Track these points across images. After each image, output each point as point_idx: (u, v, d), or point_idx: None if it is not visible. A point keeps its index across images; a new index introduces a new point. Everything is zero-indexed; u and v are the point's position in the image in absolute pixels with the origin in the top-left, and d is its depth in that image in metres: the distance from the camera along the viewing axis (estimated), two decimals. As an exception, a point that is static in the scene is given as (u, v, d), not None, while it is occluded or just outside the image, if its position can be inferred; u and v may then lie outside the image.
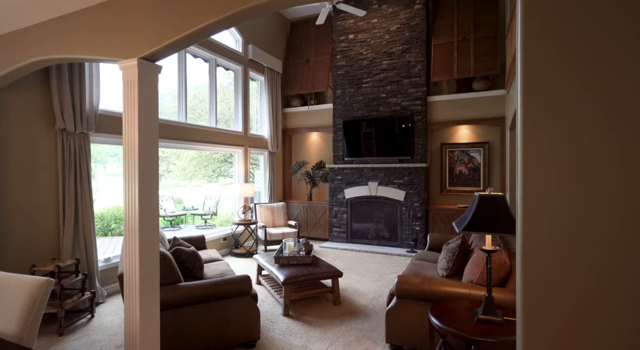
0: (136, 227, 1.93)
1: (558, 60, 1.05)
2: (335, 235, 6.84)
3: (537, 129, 1.09)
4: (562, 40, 1.05)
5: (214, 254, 4.13)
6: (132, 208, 1.94)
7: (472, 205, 2.03)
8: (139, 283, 1.96)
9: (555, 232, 1.07)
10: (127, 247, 2.00)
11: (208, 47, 5.52)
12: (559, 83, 1.05)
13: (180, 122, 5.03)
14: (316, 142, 7.61)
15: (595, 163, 0.99)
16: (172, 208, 8.17)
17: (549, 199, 1.09)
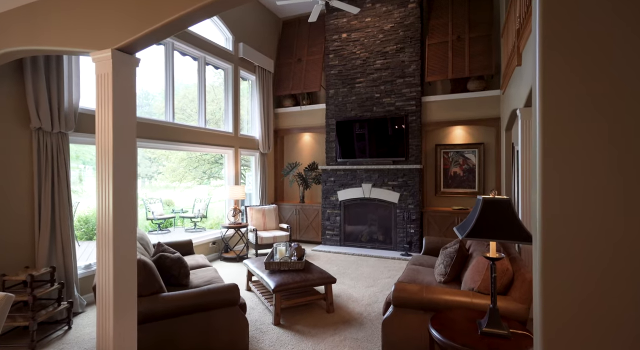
0: (110, 234, 1.76)
1: (579, 64, 0.94)
2: (328, 239, 6.69)
3: (560, 135, 0.99)
4: (584, 43, 0.97)
5: (201, 260, 3.94)
6: (106, 213, 1.77)
7: (475, 210, 1.90)
8: (112, 295, 1.78)
9: (575, 236, 0.98)
10: (100, 256, 1.83)
11: (197, 44, 5.34)
12: (582, 86, 0.96)
13: (167, 122, 4.84)
14: (309, 143, 7.45)
15: (615, 165, 0.95)
16: (161, 211, 7.94)
17: (570, 204, 1.00)
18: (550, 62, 1.02)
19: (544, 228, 1.01)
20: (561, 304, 1.00)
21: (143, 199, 8.44)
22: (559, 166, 1.02)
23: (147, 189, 12.10)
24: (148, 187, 12.31)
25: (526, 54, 3.26)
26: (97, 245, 1.84)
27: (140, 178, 12.14)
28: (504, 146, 5.31)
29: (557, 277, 0.99)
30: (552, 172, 1.02)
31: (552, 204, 1.01)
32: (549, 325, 0.99)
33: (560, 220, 1.01)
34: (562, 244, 0.99)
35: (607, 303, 0.93)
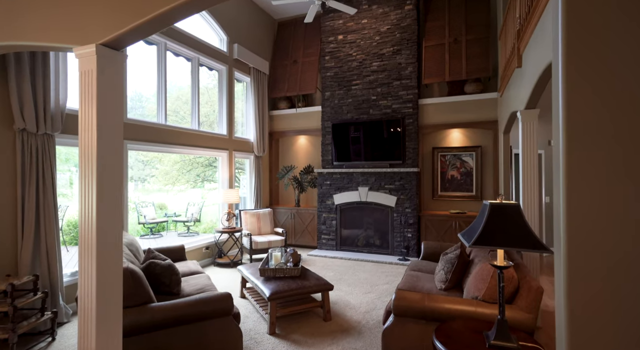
0: (93, 241, 1.64)
1: (610, 74, 0.86)
2: (324, 243, 6.57)
3: (591, 145, 0.91)
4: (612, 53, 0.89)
5: (193, 266, 3.81)
6: (88, 219, 1.65)
7: (481, 216, 1.81)
8: (95, 308, 1.66)
9: (601, 242, 0.91)
10: (83, 266, 1.70)
11: (190, 45, 5.22)
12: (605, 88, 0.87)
13: (159, 124, 4.71)
14: (304, 145, 7.35)
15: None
16: (153, 214, 7.77)
17: (597, 213, 0.91)
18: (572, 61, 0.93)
19: (569, 234, 0.92)
20: (589, 314, 0.91)
21: (135, 203, 8.26)
22: (583, 169, 0.93)
23: (140, 192, 11.90)
24: (141, 191, 12.11)
25: (527, 55, 3.20)
26: (79, 253, 1.72)
27: (133, 181, 11.94)
28: (502, 149, 5.26)
29: (585, 288, 0.90)
30: (577, 176, 0.93)
31: (578, 209, 0.92)
32: (576, 338, 0.90)
33: (586, 226, 0.92)
34: (589, 250, 0.91)
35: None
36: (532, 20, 2.86)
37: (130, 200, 10.76)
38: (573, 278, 0.94)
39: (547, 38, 2.51)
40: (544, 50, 2.58)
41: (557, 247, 1.00)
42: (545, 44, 2.54)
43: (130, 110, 6.63)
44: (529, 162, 3.37)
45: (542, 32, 2.62)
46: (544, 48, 2.59)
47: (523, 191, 3.41)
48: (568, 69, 0.91)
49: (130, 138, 4.25)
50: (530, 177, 3.37)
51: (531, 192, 3.38)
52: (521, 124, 3.40)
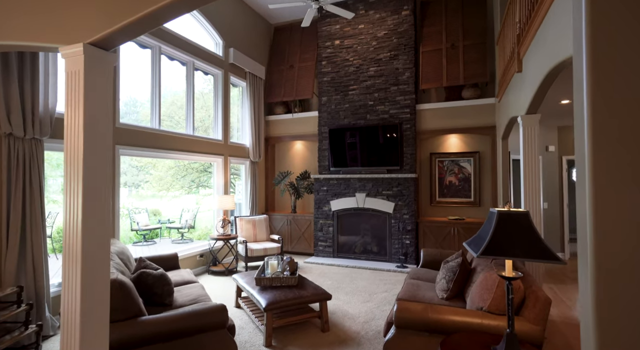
0: (78, 251, 1.53)
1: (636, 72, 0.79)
2: (320, 250, 6.47)
3: (618, 145, 0.83)
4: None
5: (187, 275, 3.69)
6: (74, 227, 1.54)
7: (489, 224, 1.73)
8: (79, 323, 1.55)
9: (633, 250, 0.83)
10: (67, 278, 1.59)
11: (185, 49, 5.15)
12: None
13: (153, 128, 4.61)
14: (301, 151, 7.27)
15: None
16: (146, 221, 7.62)
17: (625, 216, 0.84)
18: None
19: (597, 240, 0.85)
20: (619, 322, 0.84)
21: (128, 209, 8.11)
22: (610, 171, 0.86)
23: (133, 198, 11.74)
24: (135, 196, 11.95)
25: (527, 60, 3.16)
26: (63, 264, 1.61)
27: (127, 187, 11.78)
28: (501, 155, 5.22)
29: (614, 294, 0.83)
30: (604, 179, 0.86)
31: (606, 213, 0.85)
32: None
33: (614, 231, 0.85)
34: (617, 253, 0.84)
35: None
36: (533, 24, 2.82)
37: (124, 206, 10.61)
38: (601, 284, 0.87)
39: (549, 42, 2.46)
40: (546, 54, 2.53)
41: (582, 253, 0.92)
42: (548, 47, 2.49)
43: (125, 116, 6.53)
44: (531, 167, 3.31)
45: (545, 36, 2.57)
46: (546, 52, 2.54)
47: (525, 197, 3.34)
48: (594, 67, 0.84)
49: (122, 143, 4.15)
50: (532, 183, 3.31)
51: (533, 198, 3.31)
52: (522, 129, 3.35)
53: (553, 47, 2.37)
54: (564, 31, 2.17)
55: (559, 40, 2.24)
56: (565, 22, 2.16)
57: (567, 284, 4.91)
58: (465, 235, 5.56)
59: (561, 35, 2.21)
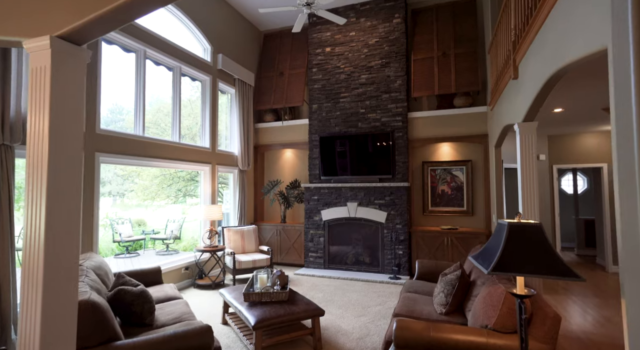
0: (39, 270, 1.34)
1: None
2: (311, 261, 6.27)
3: None
4: None
5: (170, 291, 3.46)
6: (34, 244, 1.35)
7: (498, 237, 1.60)
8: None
9: None
10: (25, 300, 1.39)
11: (172, 53, 4.98)
12: None
13: (137, 135, 4.40)
14: (291, 159, 7.12)
15: None
16: (130, 232, 7.31)
17: None
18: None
19: None
20: None
21: (111, 219, 7.79)
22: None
23: (118, 208, 11.37)
24: (119, 206, 11.58)
25: (525, 66, 3.09)
26: (22, 286, 1.41)
27: (111, 196, 11.42)
28: (494, 163, 5.16)
29: None
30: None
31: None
32: None
33: None
34: None
35: None
36: (531, 30, 2.76)
37: (107, 216, 10.23)
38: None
39: (550, 47, 2.39)
40: (546, 60, 2.46)
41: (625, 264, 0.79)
42: (548, 53, 2.42)
43: (110, 123, 6.30)
44: (528, 176, 3.23)
45: (544, 42, 2.50)
46: (546, 57, 2.47)
47: (523, 207, 3.25)
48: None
49: (104, 151, 3.93)
50: (530, 192, 3.23)
51: (531, 208, 3.22)
52: (519, 137, 3.27)
53: (554, 52, 2.30)
54: (565, 35, 2.09)
55: (561, 45, 2.17)
56: (565, 27, 2.09)
57: (560, 294, 4.83)
58: (459, 245, 5.46)
59: (562, 40, 2.14)
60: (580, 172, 8.70)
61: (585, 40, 1.80)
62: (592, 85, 3.41)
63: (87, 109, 3.76)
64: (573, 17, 1.97)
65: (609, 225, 6.18)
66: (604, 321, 3.86)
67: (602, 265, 6.47)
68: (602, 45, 1.57)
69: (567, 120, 5.37)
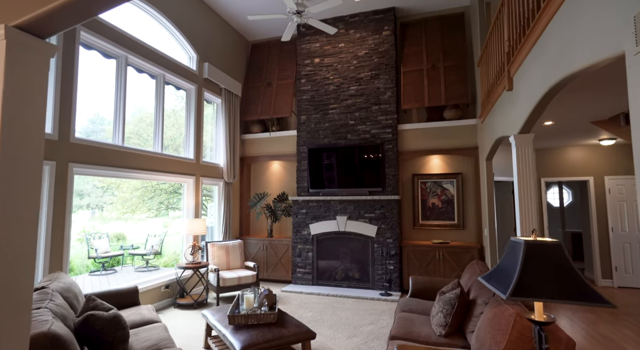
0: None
1: None
2: (299, 277, 6.03)
3: None
4: None
5: (148, 314, 3.19)
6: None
7: (513, 257, 1.45)
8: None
9: None
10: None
11: (156, 60, 4.79)
12: None
13: (115, 145, 4.15)
14: (278, 171, 6.93)
15: None
16: (107, 247, 6.92)
17: None
18: None
19: None
20: None
21: (88, 233, 7.39)
22: None
23: (96, 221, 10.90)
24: (98, 219, 11.10)
25: (521, 77, 3.03)
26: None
27: (89, 209, 10.96)
28: (485, 176, 5.10)
29: None
30: None
31: None
32: None
33: None
34: None
35: None
36: (528, 40, 2.71)
37: (84, 230, 9.74)
38: None
39: (550, 56, 2.32)
40: (547, 69, 2.39)
41: None
42: (549, 62, 2.35)
43: (91, 134, 5.98)
44: (526, 190, 3.13)
45: (544, 51, 2.44)
46: (546, 67, 2.40)
47: (521, 221, 3.15)
48: None
49: (78, 161, 3.67)
50: (528, 206, 3.13)
51: (529, 222, 3.12)
52: (515, 149, 3.19)
53: (557, 61, 2.22)
54: (571, 43, 2.01)
55: (565, 53, 2.09)
56: (569, 34, 2.02)
57: (547, 308, 4.73)
58: (451, 259, 5.33)
59: (567, 47, 2.06)
60: (565, 185, 8.79)
61: (597, 46, 1.72)
62: (583, 98, 3.39)
63: (61, 116, 3.51)
64: (580, 24, 1.90)
65: (597, 238, 6.19)
66: (602, 339, 3.75)
67: (591, 278, 6.44)
68: (619, 50, 1.48)
69: (555, 134, 5.39)
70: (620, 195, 6.20)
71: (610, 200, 6.21)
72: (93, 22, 3.89)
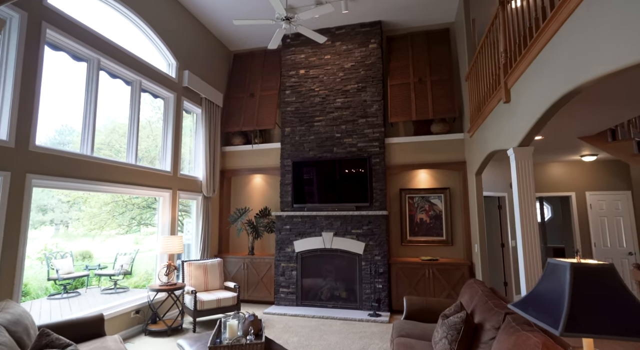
0: None
1: None
2: (282, 298, 5.68)
3: None
4: None
5: (114, 346, 2.79)
6: None
7: (556, 283, 1.25)
8: None
9: None
10: None
11: (131, 65, 4.47)
12: None
13: (83, 155, 3.77)
14: (260, 186, 6.62)
15: None
16: (69, 267, 6.32)
17: None
18: None
19: None
20: None
21: (48, 252, 6.76)
22: None
23: (60, 238, 10.12)
24: (63, 236, 10.32)
25: (520, 88, 2.94)
26: None
27: (53, 225, 10.19)
28: (475, 191, 5.01)
29: None
30: None
31: None
32: None
33: None
34: None
35: None
36: (531, 50, 2.62)
37: (46, 248, 8.97)
38: None
39: (560, 65, 2.22)
40: (555, 79, 2.28)
41: None
42: (558, 71, 2.25)
43: (58, 146, 5.49)
44: (527, 204, 3.01)
45: (551, 60, 2.34)
46: (555, 76, 2.30)
47: (522, 238, 3.00)
48: None
49: (39, 172, 3.27)
50: (530, 221, 3.00)
51: (531, 239, 2.98)
52: (515, 163, 3.08)
53: (568, 69, 2.12)
54: (585, 50, 1.91)
55: (578, 61, 1.98)
56: (583, 42, 1.92)
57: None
58: (441, 277, 5.16)
59: (580, 55, 1.96)
60: (545, 200, 8.93)
61: (619, 52, 1.60)
62: (577, 113, 3.35)
63: (20, 120, 3.13)
64: (596, 30, 1.79)
65: (581, 253, 6.20)
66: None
67: (576, 294, 6.42)
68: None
69: (541, 150, 5.41)
70: (601, 211, 6.27)
71: (591, 215, 6.27)
72: (62, 20, 3.56)
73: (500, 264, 6.11)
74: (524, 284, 2.99)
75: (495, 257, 6.10)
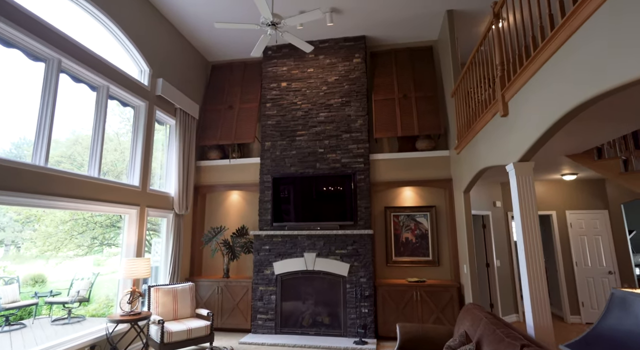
0: None
1: None
2: (260, 325, 5.21)
3: None
4: None
5: (60, 396, 2.28)
6: None
7: (628, 318, 1.00)
8: None
9: None
10: None
11: (98, 68, 4.06)
12: None
13: (34, 165, 3.29)
14: (238, 203, 6.22)
15: None
16: (14, 295, 5.57)
17: None
18: None
19: None
20: None
21: (-9, 278, 5.96)
22: None
23: (9, 261, 9.11)
24: (12, 258, 9.30)
25: (520, 101, 2.82)
26: None
27: (3, 246, 9.19)
28: (464, 209, 4.86)
29: None
30: None
31: None
32: None
33: None
34: None
35: None
36: (534, 62, 2.50)
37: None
38: None
39: (571, 76, 2.08)
40: (566, 89, 2.14)
41: None
42: (568, 82, 2.11)
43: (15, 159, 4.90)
44: (530, 221, 2.83)
45: (560, 71, 2.21)
46: (565, 87, 2.16)
47: (526, 257, 2.81)
48: None
49: (-22, 184, 2.78)
50: (532, 239, 2.81)
51: (536, 258, 2.79)
52: (515, 179, 2.92)
53: (581, 79, 1.98)
54: (606, 57, 1.77)
55: (597, 69, 1.84)
56: (599, 49, 1.78)
57: None
58: (430, 300, 4.90)
59: (598, 63, 1.82)
60: (522, 219, 8.98)
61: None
62: (571, 128, 3.27)
63: (-42, 124, 2.66)
64: (617, 35, 1.65)
65: (563, 273, 6.17)
66: (603, 388, 3.43)
67: (560, 315, 6.35)
68: None
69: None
70: (580, 230, 6.30)
71: (572, 234, 6.29)
72: (15, 12, 3.15)
73: (486, 284, 5.95)
74: (528, 306, 2.77)
75: (480, 278, 5.94)
